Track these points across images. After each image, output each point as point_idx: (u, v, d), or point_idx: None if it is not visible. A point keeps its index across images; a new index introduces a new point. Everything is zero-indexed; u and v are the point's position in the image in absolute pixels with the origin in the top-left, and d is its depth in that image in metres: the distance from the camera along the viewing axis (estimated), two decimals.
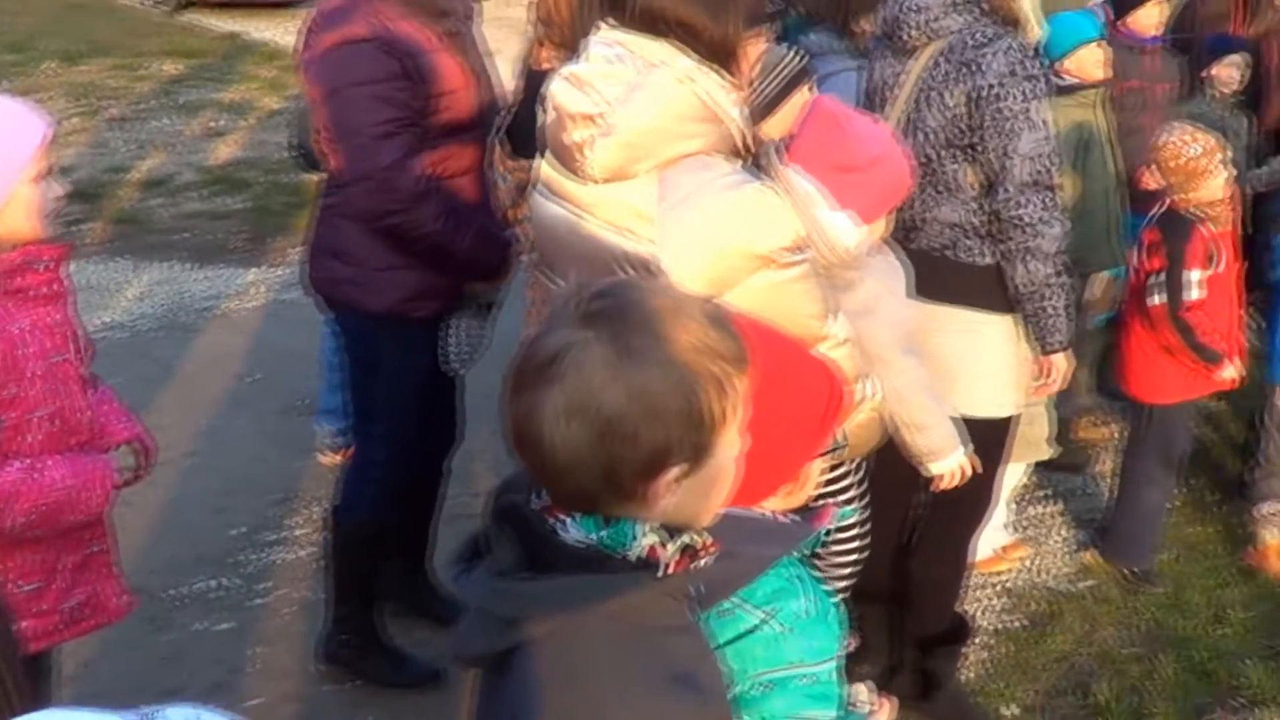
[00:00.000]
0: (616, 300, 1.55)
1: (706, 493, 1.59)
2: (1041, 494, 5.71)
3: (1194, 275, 4.74)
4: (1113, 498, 5.27)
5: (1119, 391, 5.29)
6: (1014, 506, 5.39)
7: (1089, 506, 5.60)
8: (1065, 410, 5.20)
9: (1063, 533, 5.47)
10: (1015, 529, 5.36)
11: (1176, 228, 4.79)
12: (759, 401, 1.64)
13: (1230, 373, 4.86)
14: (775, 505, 2.02)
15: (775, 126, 3.31)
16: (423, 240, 3.82)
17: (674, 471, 1.51)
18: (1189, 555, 5.34)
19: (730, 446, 1.58)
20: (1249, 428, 5.65)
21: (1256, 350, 5.70)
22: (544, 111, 2.78)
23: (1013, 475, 4.84)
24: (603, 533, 1.51)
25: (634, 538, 1.51)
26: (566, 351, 1.49)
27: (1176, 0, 7.07)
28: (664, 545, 1.52)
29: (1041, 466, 5.28)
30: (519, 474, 1.60)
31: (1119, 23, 6.07)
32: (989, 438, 3.77)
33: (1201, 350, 4.78)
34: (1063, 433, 5.12)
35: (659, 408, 1.48)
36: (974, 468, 3.49)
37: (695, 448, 1.53)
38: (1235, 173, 5.46)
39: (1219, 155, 4.77)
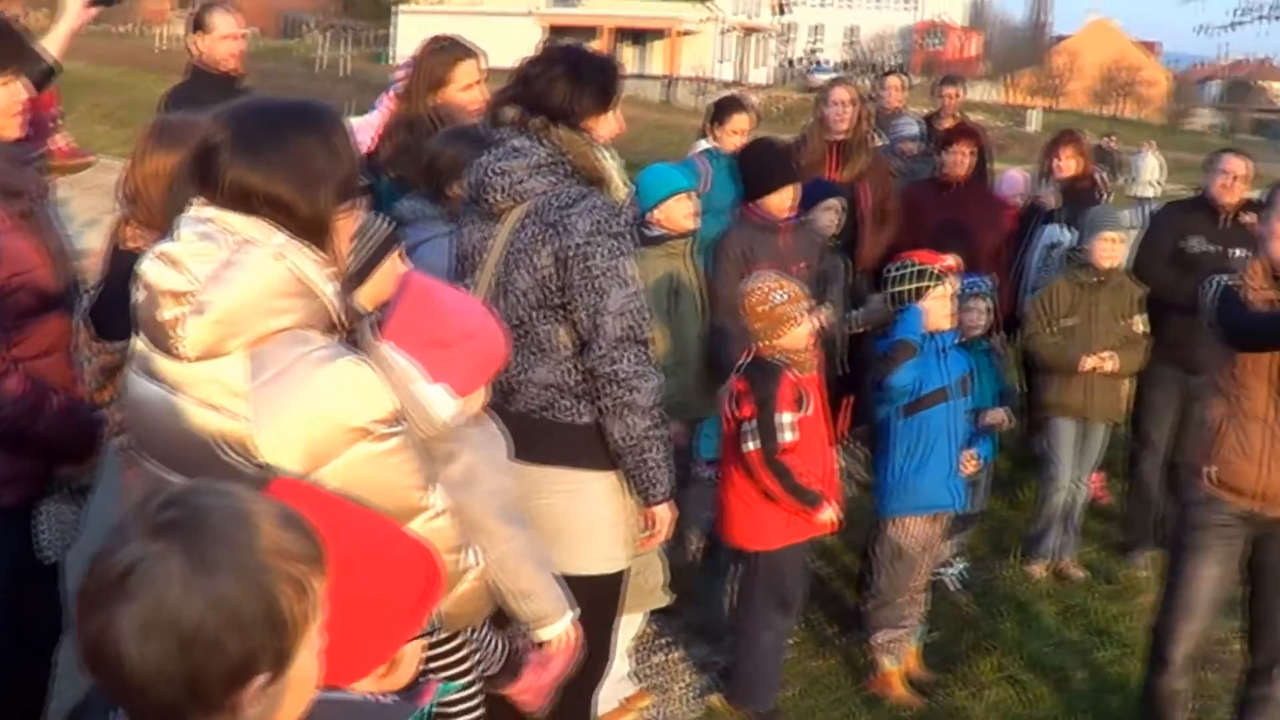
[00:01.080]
0: (186, 509, 1.58)
1: (292, 697, 1.62)
2: (663, 641, 5.89)
3: (785, 418, 4.98)
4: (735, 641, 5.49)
5: None
6: (635, 656, 5.54)
7: (711, 650, 5.83)
8: (677, 557, 5.43)
9: (687, 678, 5.67)
10: (638, 678, 5.50)
11: (764, 374, 5.03)
12: (350, 583, 1.71)
13: (829, 515, 5.11)
14: (370, 687, 2.09)
15: (367, 295, 3.37)
16: (1, 423, 3.72)
17: (260, 679, 1.55)
18: (813, 688, 5.65)
19: (312, 647, 1.63)
20: (862, 559, 6.05)
21: (869, 484, 6.12)
22: (136, 290, 2.80)
23: (631, 625, 4.99)
24: None
25: None
26: (138, 566, 1.50)
27: None
28: None
29: (660, 613, 5.44)
30: (93, 692, 1.61)
31: (749, 204, 6.29)
32: (601, 594, 3.93)
33: (800, 493, 5.01)
34: (678, 579, 5.29)
35: (239, 616, 1.52)
36: (581, 633, 3.57)
37: (278, 653, 1.57)
38: (832, 314, 5.92)
39: (803, 303, 5.06)
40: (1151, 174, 29.46)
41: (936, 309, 5.64)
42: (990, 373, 6.66)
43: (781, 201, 6.20)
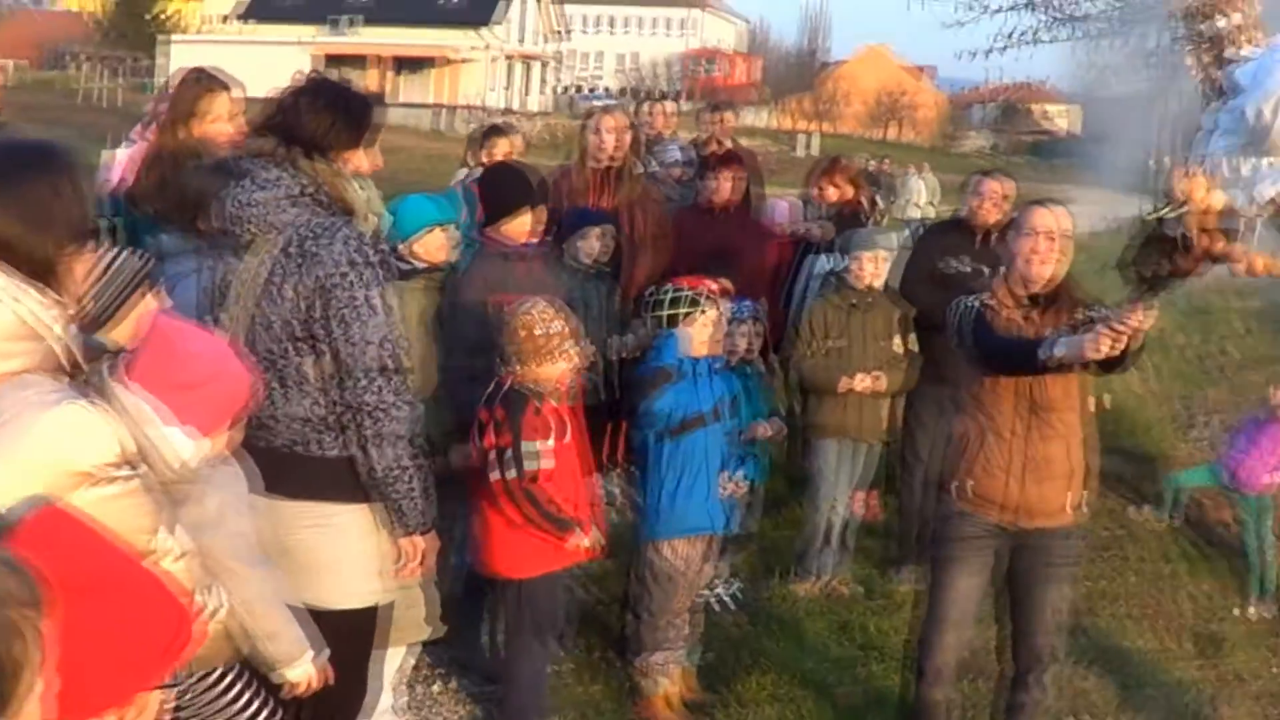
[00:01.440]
0: None
1: None
2: (429, 673, 5.89)
3: (537, 446, 5.02)
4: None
5: None
6: (403, 689, 5.55)
7: (477, 681, 5.86)
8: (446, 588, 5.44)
9: (457, 709, 5.70)
10: (407, 710, 5.52)
11: (515, 402, 5.06)
12: (90, 620, 1.70)
13: (585, 541, 5.16)
14: None
15: (122, 333, 3.37)
16: None
17: None
18: (583, 714, 5.71)
19: (36, 690, 1.61)
20: (629, 583, 6.15)
21: (636, 507, 6.21)
22: None
23: (396, 658, 5.00)
24: None
25: None
26: None
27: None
28: None
29: (428, 645, 5.42)
30: None
31: (488, 231, 6.06)
32: (355, 628, 3.95)
33: (553, 520, 5.05)
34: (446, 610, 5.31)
35: None
36: (331, 673, 3.61)
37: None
38: (594, 345, 5.98)
39: (570, 342, 5.11)
40: (922, 196, 30.40)
41: (699, 334, 5.76)
42: (758, 395, 6.82)
43: (521, 226, 6.02)
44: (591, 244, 6.78)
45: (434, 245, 5.68)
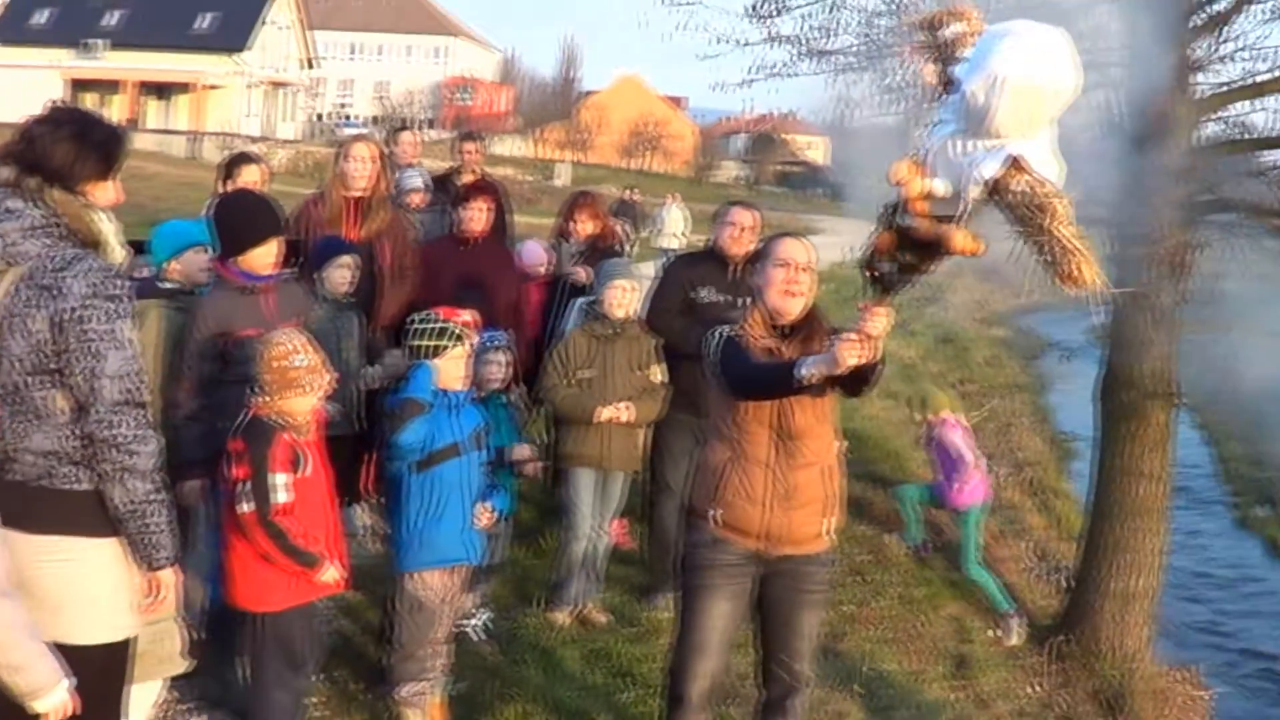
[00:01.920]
0: None
1: None
2: (183, 707, 5.88)
3: (280, 479, 5.05)
4: None
5: None
6: None
7: (232, 715, 5.81)
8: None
9: None
10: None
11: (259, 434, 5.09)
12: None
13: (331, 575, 5.22)
14: None
15: None
16: None
17: None
18: None
19: None
20: (385, 614, 6.21)
21: (388, 538, 6.26)
22: None
23: (149, 693, 4.95)
24: None
25: None
26: None
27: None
28: None
29: (180, 679, 5.38)
30: None
31: (227, 263, 5.83)
32: (105, 663, 3.94)
33: (297, 554, 5.09)
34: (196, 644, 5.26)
35: None
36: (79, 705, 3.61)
37: None
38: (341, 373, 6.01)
39: (320, 377, 5.17)
40: (675, 226, 30.97)
41: (451, 368, 5.87)
42: (509, 426, 6.98)
43: (265, 256, 5.84)
44: (341, 274, 6.85)
45: (194, 266, 5.72)
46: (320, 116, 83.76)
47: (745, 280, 7.42)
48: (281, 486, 5.07)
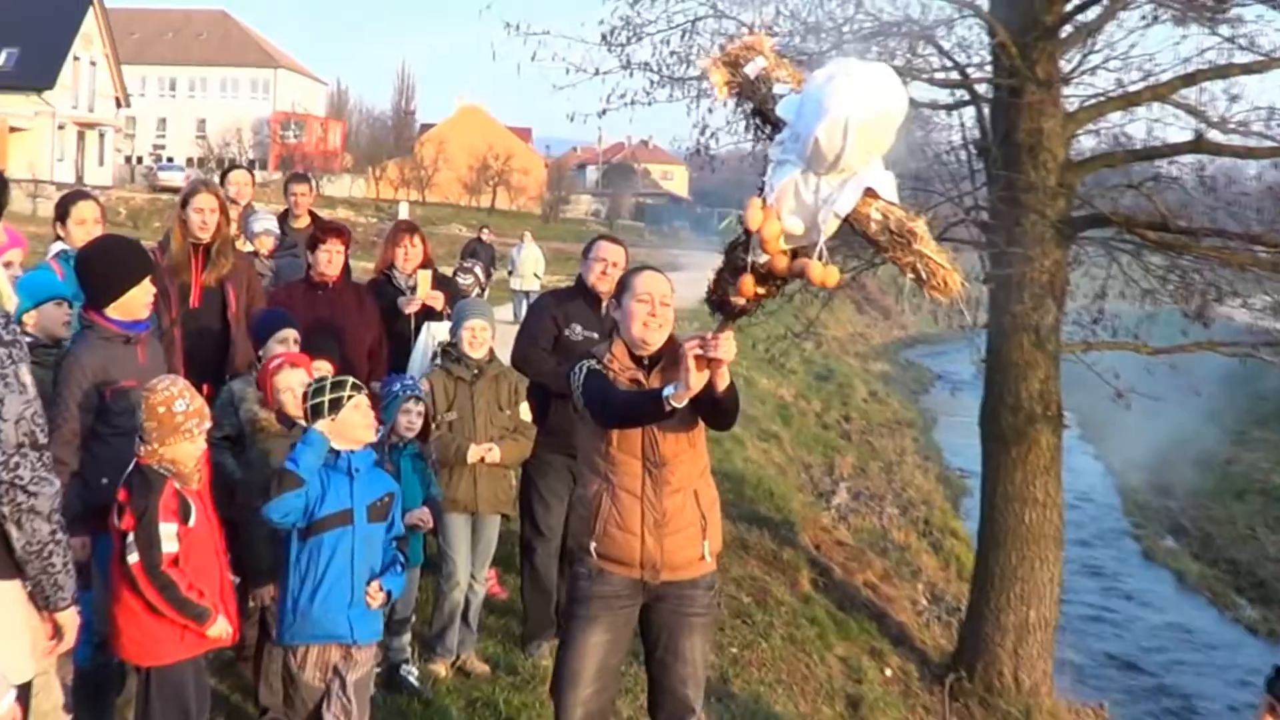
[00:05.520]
0: None
1: None
2: None
3: (167, 529, 5.28)
4: None
5: None
6: None
7: None
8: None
9: None
10: None
11: (146, 483, 5.32)
12: None
13: (221, 628, 5.46)
14: None
15: None
16: None
17: None
18: None
19: None
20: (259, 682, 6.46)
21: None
22: None
23: None
24: None
25: None
26: None
27: None
28: None
29: None
30: None
31: (99, 312, 5.88)
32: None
33: (185, 606, 5.33)
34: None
35: None
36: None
37: None
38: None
39: (203, 423, 5.44)
40: (531, 266, 31.47)
41: (354, 418, 5.81)
42: (420, 478, 7.34)
43: (143, 296, 5.94)
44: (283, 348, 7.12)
45: (54, 320, 5.97)
46: (139, 159, 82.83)
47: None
48: (169, 536, 5.30)
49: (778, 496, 17.03)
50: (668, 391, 5.13)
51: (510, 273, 32.02)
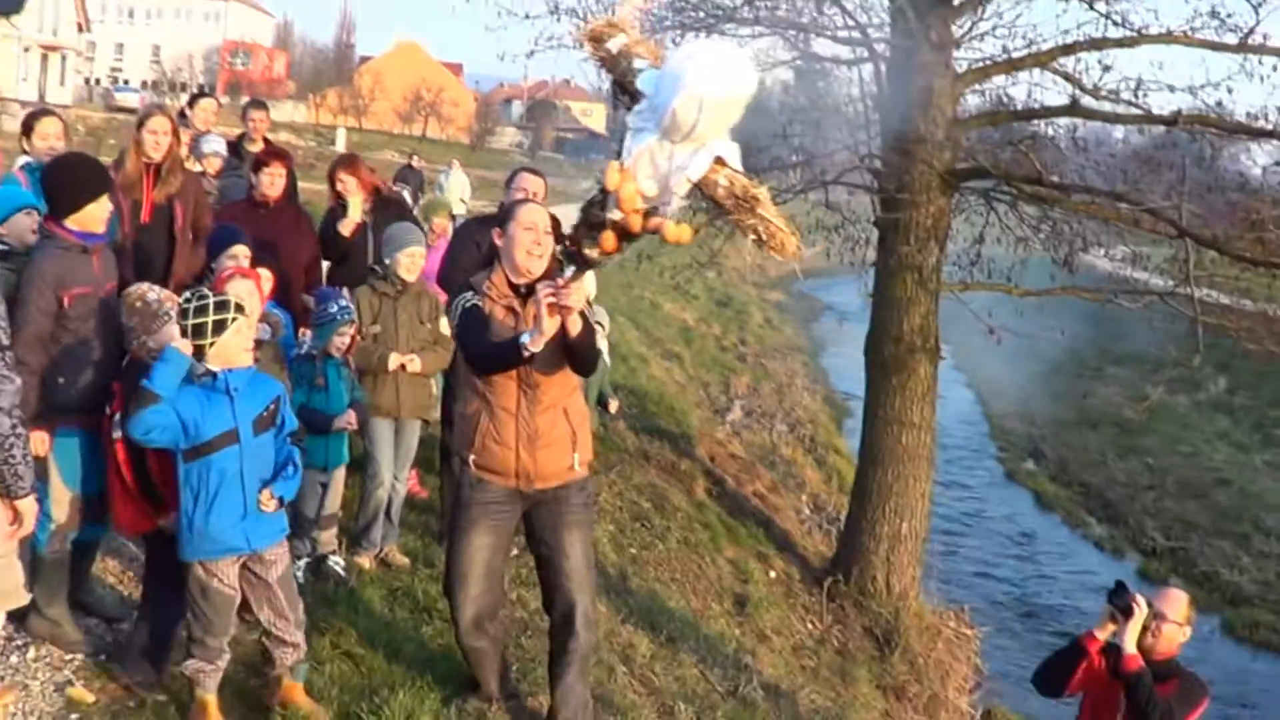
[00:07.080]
0: None
1: None
2: (20, 641, 6.10)
3: None
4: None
5: None
6: None
7: (66, 648, 6.11)
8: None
9: (45, 675, 5.93)
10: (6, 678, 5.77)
11: (135, 370, 5.48)
12: None
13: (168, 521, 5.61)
14: None
15: None
16: None
17: None
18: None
19: None
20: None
21: None
22: None
23: None
24: None
25: None
26: None
27: None
28: None
29: (16, 614, 5.60)
30: None
31: (58, 223, 5.88)
32: None
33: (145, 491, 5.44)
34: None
35: None
36: None
37: None
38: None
39: (170, 304, 5.49)
40: (458, 192, 31.28)
41: (234, 341, 5.51)
42: (346, 385, 7.52)
43: (100, 211, 5.94)
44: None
45: (24, 228, 5.92)
46: (96, 80, 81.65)
47: None
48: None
49: (678, 411, 17.16)
50: (524, 339, 5.24)
51: (438, 196, 31.82)
